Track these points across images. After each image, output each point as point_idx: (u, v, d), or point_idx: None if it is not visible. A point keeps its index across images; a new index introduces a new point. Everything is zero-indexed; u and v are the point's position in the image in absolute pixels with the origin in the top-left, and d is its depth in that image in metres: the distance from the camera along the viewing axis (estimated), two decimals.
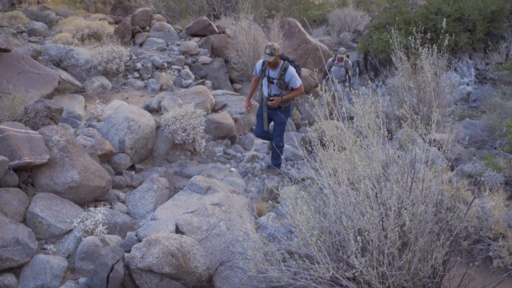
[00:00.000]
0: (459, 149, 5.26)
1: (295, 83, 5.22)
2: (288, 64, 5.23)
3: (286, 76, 5.17)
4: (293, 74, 5.18)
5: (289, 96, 5.32)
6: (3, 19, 11.50)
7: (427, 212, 2.64)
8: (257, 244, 3.18)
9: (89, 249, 3.57)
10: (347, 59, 9.26)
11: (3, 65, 6.34)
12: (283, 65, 5.21)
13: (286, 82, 5.21)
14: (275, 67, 5.21)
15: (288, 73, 5.17)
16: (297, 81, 5.22)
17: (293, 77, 5.18)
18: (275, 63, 5.16)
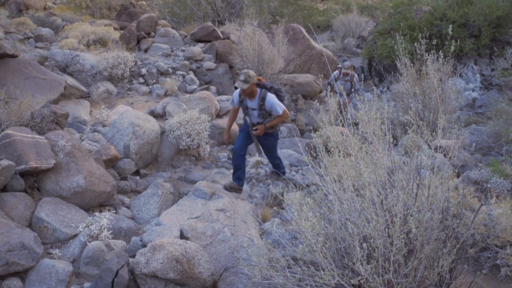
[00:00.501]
0: (465, 155, 5.24)
1: (277, 111, 4.83)
2: (266, 92, 4.85)
3: (266, 105, 4.82)
4: (273, 101, 4.79)
5: (273, 123, 4.96)
6: (11, 25, 11.62)
7: (433, 219, 2.63)
8: (261, 250, 3.17)
9: (94, 254, 3.57)
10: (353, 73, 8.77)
11: (11, 70, 6.39)
12: (260, 94, 4.84)
13: (267, 111, 4.87)
14: (252, 96, 4.85)
15: (267, 101, 4.80)
16: (279, 108, 4.81)
17: (273, 105, 4.80)
18: (251, 91, 4.78)
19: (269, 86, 4.96)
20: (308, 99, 10.09)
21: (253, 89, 4.79)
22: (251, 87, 4.71)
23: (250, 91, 4.76)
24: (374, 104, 3.19)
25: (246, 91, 4.73)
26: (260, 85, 4.88)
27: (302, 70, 11.04)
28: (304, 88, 10.04)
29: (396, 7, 12.72)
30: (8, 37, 9.70)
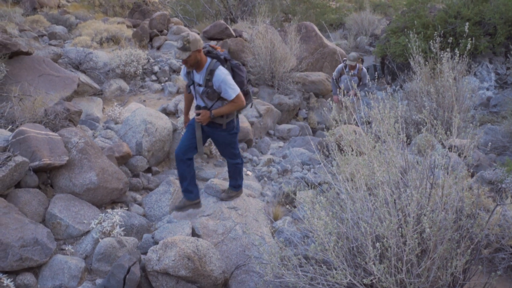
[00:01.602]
0: (479, 155, 5.17)
1: (227, 93, 3.72)
2: (218, 64, 3.74)
3: (214, 82, 3.70)
4: (224, 79, 3.67)
5: (222, 111, 3.83)
6: (25, 23, 11.76)
7: (447, 219, 2.59)
8: (273, 249, 3.16)
9: (106, 250, 3.60)
10: (361, 66, 7.81)
11: (25, 68, 6.47)
12: (209, 65, 3.74)
13: (216, 90, 3.75)
14: (199, 67, 3.77)
15: (216, 77, 3.68)
16: (231, 90, 3.71)
17: (224, 84, 3.68)
18: (195, 61, 3.69)
19: (223, 58, 3.84)
20: (320, 97, 10.04)
21: (199, 59, 3.70)
22: (194, 56, 3.64)
23: (195, 61, 3.69)
24: (388, 102, 3.15)
25: (188, 62, 3.67)
26: (212, 55, 3.82)
27: (315, 68, 10.99)
28: (316, 86, 9.99)
29: (410, 5, 12.58)
30: (23, 34, 9.83)
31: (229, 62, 3.89)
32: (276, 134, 8.08)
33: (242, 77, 3.94)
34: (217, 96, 3.80)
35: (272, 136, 8.00)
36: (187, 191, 4.21)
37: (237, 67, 3.93)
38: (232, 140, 4.19)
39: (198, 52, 3.65)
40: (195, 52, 3.62)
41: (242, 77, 3.96)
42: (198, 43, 3.61)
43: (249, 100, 4.18)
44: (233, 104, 3.82)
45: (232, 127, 4.09)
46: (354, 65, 7.58)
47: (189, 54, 3.60)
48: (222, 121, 3.97)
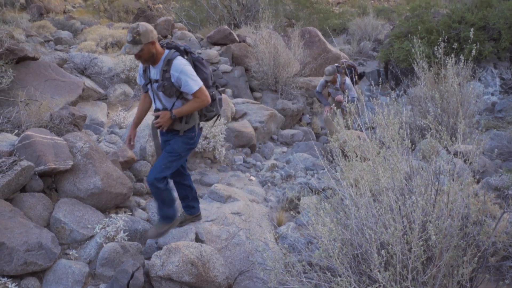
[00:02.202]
0: (485, 161, 5.14)
1: (188, 85, 3.23)
2: (176, 54, 3.30)
3: (171, 74, 3.23)
4: (183, 69, 3.21)
5: (184, 111, 3.33)
6: (32, 28, 11.86)
7: (453, 226, 2.58)
8: (277, 255, 3.15)
9: (110, 255, 3.60)
10: (343, 79, 7.24)
11: (31, 72, 6.51)
12: (167, 55, 3.30)
13: (175, 84, 3.27)
14: (155, 61, 3.32)
15: (174, 67, 3.23)
16: (192, 82, 3.22)
17: (182, 74, 3.21)
18: (150, 55, 3.26)
19: (184, 49, 3.38)
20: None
21: (154, 51, 3.26)
22: (147, 48, 3.21)
23: (149, 55, 3.25)
24: (392, 108, 3.15)
25: (142, 57, 3.24)
26: (170, 46, 3.39)
27: (318, 74, 11.00)
28: None
29: (413, 10, 12.61)
30: (30, 40, 9.90)
31: (191, 54, 3.39)
32: (280, 139, 8.08)
33: (206, 74, 3.40)
34: (176, 93, 3.30)
35: (275, 141, 8.00)
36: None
37: (199, 61, 3.42)
38: (180, 149, 3.49)
39: (151, 44, 3.21)
40: (147, 44, 3.19)
41: (206, 74, 3.41)
42: (150, 34, 3.19)
43: (216, 110, 3.59)
44: (196, 100, 3.29)
45: (190, 137, 3.50)
46: (333, 79, 7.12)
47: (141, 48, 3.17)
48: (180, 126, 3.41)
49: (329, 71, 6.99)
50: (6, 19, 11.74)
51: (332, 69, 7.02)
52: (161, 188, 3.52)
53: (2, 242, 3.21)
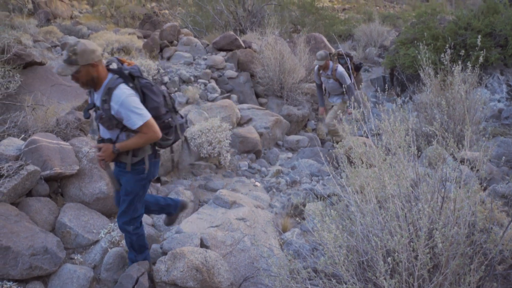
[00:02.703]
0: (491, 168, 5.10)
1: (129, 120, 2.82)
2: (120, 81, 2.86)
3: (111, 105, 2.81)
4: (123, 100, 2.78)
5: (127, 145, 2.93)
6: (39, 34, 11.96)
7: (459, 234, 2.56)
8: (282, 261, 3.14)
9: (115, 260, 3.60)
10: (335, 65, 6.80)
11: (38, 77, 6.55)
12: (108, 82, 2.87)
13: (115, 116, 2.84)
14: (97, 85, 2.92)
15: (114, 98, 2.79)
16: (135, 116, 2.81)
17: (123, 107, 2.79)
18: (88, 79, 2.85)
19: (129, 73, 2.90)
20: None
21: (95, 75, 2.84)
22: (85, 71, 2.79)
23: (87, 78, 2.83)
24: (398, 114, 3.14)
25: (79, 79, 2.83)
26: (113, 69, 2.94)
27: None
28: None
29: (419, 16, 12.60)
30: (37, 45, 9.99)
31: (138, 80, 2.93)
32: (285, 145, 8.07)
33: (156, 102, 2.97)
34: (118, 125, 2.88)
35: (281, 147, 8.00)
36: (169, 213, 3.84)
37: (148, 88, 2.95)
38: (135, 189, 3.13)
39: (91, 66, 2.79)
40: (86, 66, 2.76)
41: (157, 102, 2.97)
42: (90, 54, 2.76)
43: (176, 137, 3.21)
44: (141, 136, 2.86)
45: (140, 170, 3.08)
46: (325, 65, 6.73)
47: (76, 69, 2.76)
48: (127, 159, 3.00)
49: (321, 55, 6.65)
50: (14, 25, 11.86)
51: (324, 53, 6.70)
52: (130, 231, 3.30)
53: (8, 246, 3.22)
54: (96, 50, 2.81)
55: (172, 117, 3.16)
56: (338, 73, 6.73)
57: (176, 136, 3.22)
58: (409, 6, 27.27)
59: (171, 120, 3.14)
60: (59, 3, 19.44)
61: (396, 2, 32.17)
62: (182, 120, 3.31)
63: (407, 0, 30.44)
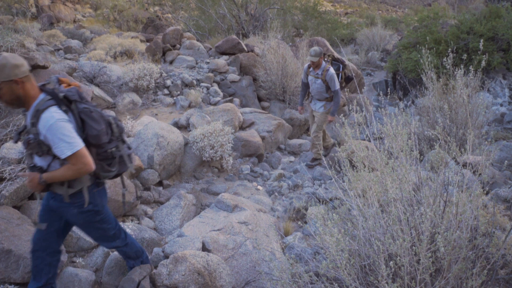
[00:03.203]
0: (494, 172, 5.09)
1: (57, 147, 2.48)
2: (50, 103, 2.51)
3: (39, 129, 2.48)
4: (50, 126, 2.44)
5: (55, 177, 2.58)
6: (43, 37, 12.03)
7: (462, 238, 2.55)
8: (284, 265, 3.13)
9: (117, 264, 3.60)
10: (327, 66, 6.23)
11: (41, 81, 6.58)
12: (38, 104, 2.52)
13: (43, 141, 2.50)
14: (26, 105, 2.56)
15: (42, 122, 2.46)
16: (63, 144, 2.46)
17: (50, 133, 2.46)
18: (12, 97, 2.49)
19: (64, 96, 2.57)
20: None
21: (20, 93, 2.50)
22: (7, 88, 2.45)
23: (11, 97, 2.49)
24: (401, 118, 3.14)
25: (1, 97, 2.48)
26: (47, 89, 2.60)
27: None
28: None
29: (422, 20, 12.62)
30: (40, 49, 10.04)
31: (75, 104, 2.58)
32: (287, 149, 8.07)
33: (96, 130, 2.63)
34: (49, 151, 2.53)
35: (283, 151, 8.00)
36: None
37: (87, 113, 2.61)
38: (89, 220, 2.85)
39: (15, 83, 2.44)
40: (7, 83, 2.42)
41: (97, 130, 2.64)
42: (12, 70, 2.41)
43: (121, 168, 2.91)
44: (69, 168, 2.53)
45: (81, 202, 2.74)
46: (317, 62, 6.15)
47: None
48: (62, 190, 2.68)
49: (316, 51, 6.07)
50: (18, 28, 11.93)
51: (319, 50, 6.12)
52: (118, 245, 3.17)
53: (10, 250, 3.23)
54: (21, 66, 2.45)
55: (117, 147, 2.86)
56: (328, 75, 6.13)
57: (121, 168, 2.90)
58: (412, 10, 27.32)
59: (115, 150, 2.84)
60: (62, 7, 19.56)
61: (399, 7, 32.24)
62: (130, 151, 3.00)
63: (409, 4, 30.52)
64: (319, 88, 6.32)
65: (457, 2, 21.28)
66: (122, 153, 2.88)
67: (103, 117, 2.76)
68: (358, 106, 6.02)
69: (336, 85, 6.17)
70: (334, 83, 6.15)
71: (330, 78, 6.13)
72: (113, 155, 2.83)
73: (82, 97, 2.67)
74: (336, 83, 6.16)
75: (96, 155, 2.73)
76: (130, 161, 2.97)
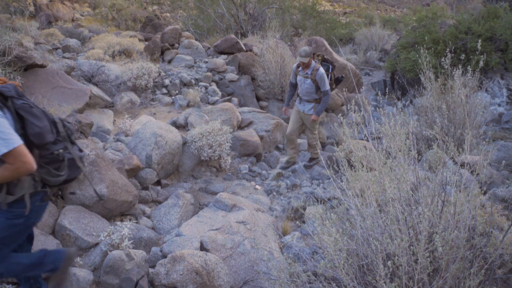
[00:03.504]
0: (491, 172, 5.10)
1: None
2: None
3: None
4: None
5: None
6: (41, 36, 12.00)
7: (459, 237, 2.56)
8: (282, 264, 3.14)
9: (115, 263, 3.59)
10: (317, 65, 6.04)
11: (39, 80, 6.57)
12: None
13: None
14: None
15: None
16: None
17: None
18: None
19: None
20: (329, 112, 10.04)
21: None
22: None
23: None
24: (399, 118, 3.14)
25: None
26: None
27: None
28: None
29: (420, 20, 12.64)
30: (38, 47, 10.02)
31: (11, 100, 2.40)
32: (286, 149, 8.07)
33: (38, 128, 2.44)
34: None
35: (281, 150, 8.00)
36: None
37: (26, 110, 2.43)
38: (7, 230, 2.48)
39: None
40: None
41: (39, 127, 2.45)
42: None
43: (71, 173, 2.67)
44: (6, 167, 2.30)
45: (18, 214, 2.48)
46: (307, 63, 5.94)
47: None
48: (1, 197, 2.41)
49: (306, 51, 5.82)
50: (16, 27, 11.90)
51: (309, 50, 5.89)
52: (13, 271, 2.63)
53: None
54: None
55: (65, 148, 2.62)
56: (318, 74, 5.94)
57: (72, 172, 2.66)
58: (410, 10, 27.34)
59: (63, 152, 2.59)
60: (60, 6, 19.52)
61: (397, 6, 32.26)
62: (82, 153, 2.77)
63: (408, 4, 30.55)
64: (309, 88, 6.14)
65: (455, 2, 21.31)
66: (73, 156, 2.65)
67: (46, 114, 2.56)
68: (357, 105, 6.03)
69: (326, 85, 6.02)
70: (324, 83, 6.00)
71: (320, 77, 5.96)
72: (61, 157, 2.58)
73: (20, 94, 2.47)
74: (326, 83, 6.01)
75: (40, 157, 2.49)
76: (83, 164, 2.76)
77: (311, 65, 6.02)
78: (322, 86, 6.02)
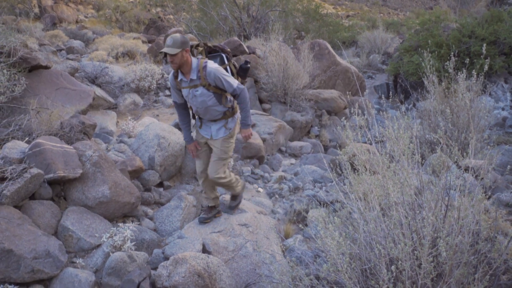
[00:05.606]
0: (495, 176, 5.08)
1: None
2: None
3: None
4: None
5: None
6: (45, 37, 12.05)
7: (463, 242, 2.54)
8: (284, 268, 3.12)
9: (117, 265, 3.59)
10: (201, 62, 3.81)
11: (43, 81, 6.59)
12: None
13: None
14: None
15: None
16: None
17: None
18: None
19: None
20: (332, 115, 10.03)
21: None
22: None
23: None
24: (402, 121, 3.13)
25: None
26: None
27: (327, 86, 11.01)
28: (328, 103, 9.99)
29: (423, 24, 12.63)
30: (42, 49, 10.06)
31: None
32: (288, 151, 8.06)
33: None
34: None
35: (284, 153, 7.99)
36: None
37: None
38: None
39: None
40: None
41: None
42: None
43: None
44: None
45: None
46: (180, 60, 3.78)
47: None
48: None
49: (175, 40, 3.71)
50: (21, 29, 11.95)
51: (183, 38, 3.74)
52: None
53: (10, 249, 3.22)
54: None
55: None
56: (210, 73, 3.78)
57: None
58: (413, 13, 27.33)
59: None
60: (65, 8, 19.60)
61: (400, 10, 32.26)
62: None
63: (411, 7, 30.54)
64: (207, 100, 3.92)
65: (458, 5, 21.30)
66: None
67: None
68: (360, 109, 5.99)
69: (233, 81, 3.86)
70: (226, 80, 3.82)
71: (215, 76, 3.79)
72: None
73: None
74: (230, 80, 3.84)
75: None
76: None
77: (189, 63, 3.82)
78: (226, 87, 3.85)
